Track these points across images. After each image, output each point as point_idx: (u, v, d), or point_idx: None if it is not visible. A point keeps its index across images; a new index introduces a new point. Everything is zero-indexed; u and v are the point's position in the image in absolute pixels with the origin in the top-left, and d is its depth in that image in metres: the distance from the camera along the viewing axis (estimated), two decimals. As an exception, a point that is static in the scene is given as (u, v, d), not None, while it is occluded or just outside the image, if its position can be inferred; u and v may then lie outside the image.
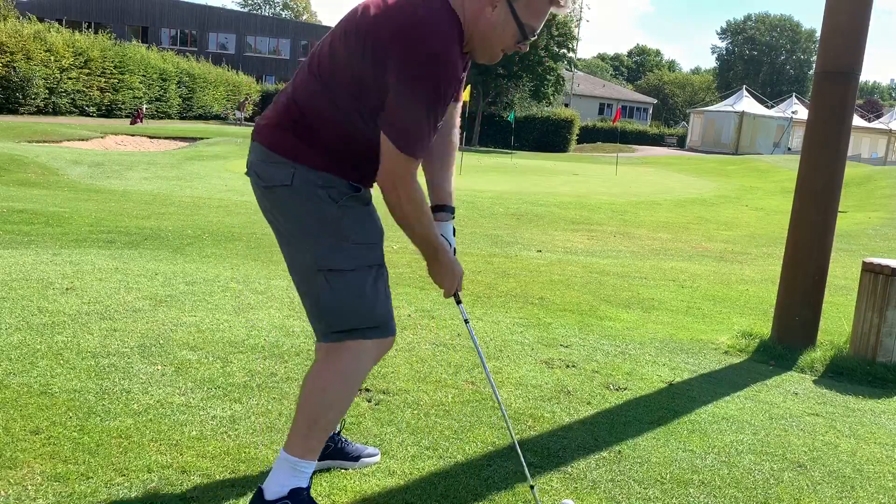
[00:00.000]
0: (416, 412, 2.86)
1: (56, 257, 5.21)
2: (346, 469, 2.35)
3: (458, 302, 2.22)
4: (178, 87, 33.84)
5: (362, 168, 1.97)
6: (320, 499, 2.16)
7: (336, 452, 2.33)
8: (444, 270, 2.11)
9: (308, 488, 2.01)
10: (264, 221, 2.11)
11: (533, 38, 1.96)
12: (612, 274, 6.76)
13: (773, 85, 78.06)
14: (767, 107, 46.44)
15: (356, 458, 2.37)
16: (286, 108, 1.96)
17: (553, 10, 1.91)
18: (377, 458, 2.43)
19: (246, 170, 2.06)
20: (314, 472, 2.29)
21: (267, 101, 41.37)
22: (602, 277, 6.48)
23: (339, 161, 1.95)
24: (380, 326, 2.00)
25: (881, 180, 19.22)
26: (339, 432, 2.38)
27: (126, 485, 2.14)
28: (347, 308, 1.96)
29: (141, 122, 27.49)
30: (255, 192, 2.03)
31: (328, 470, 2.33)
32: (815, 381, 3.92)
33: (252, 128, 2.06)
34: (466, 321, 2.26)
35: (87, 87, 27.86)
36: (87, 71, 27.76)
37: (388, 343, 2.05)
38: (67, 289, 4.22)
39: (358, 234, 1.97)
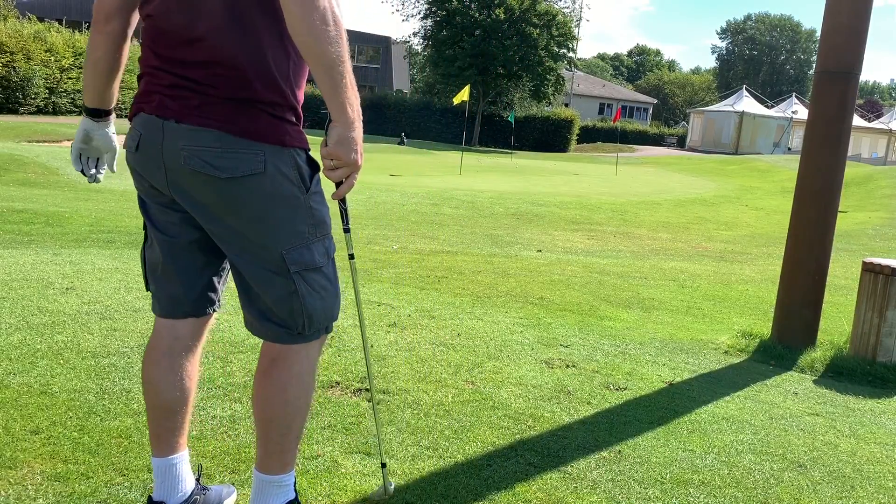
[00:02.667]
0: (416, 412, 2.86)
1: (56, 257, 5.21)
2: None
3: (344, 202, 1.85)
4: (178, 87, 33.79)
5: (299, 110, 1.77)
6: (320, 499, 2.17)
7: None
8: (359, 133, 1.71)
9: (296, 496, 1.93)
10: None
11: None
12: (612, 274, 6.76)
13: (773, 85, 78.09)
14: (767, 107, 46.44)
15: None
16: (215, 74, 1.66)
17: None
18: (234, 497, 2.16)
19: (146, 157, 1.73)
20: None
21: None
22: (602, 277, 6.49)
23: (292, 124, 1.74)
24: (332, 323, 1.88)
25: (881, 180, 19.23)
26: (199, 479, 2.06)
27: (126, 485, 2.14)
28: (327, 307, 1.82)
29: (141, 121, 27.45)
30: (194, 186, 1.70)
31: (328, 470, 2.33)
32: (815, 381, 3.92)
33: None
34: (347, 230, 1.91)
35: (87, 87, 27.83)
36: (87, 71, 27.73)
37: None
38: (67, 289, 4.22)
39: (322, 225, 1.80)
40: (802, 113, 40.18)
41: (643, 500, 2.34)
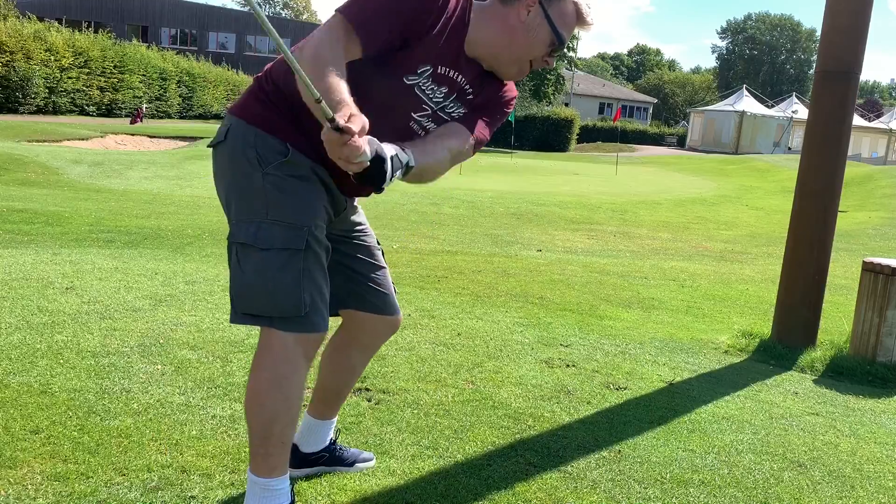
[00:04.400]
0: (416, 412, 2.86)
1: (56, 257, 5.21)
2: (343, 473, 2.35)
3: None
4: (178, 87, 33.82)
5: (306, 129, 1.75)
6: (320, 499, 2.17)
7: (332, 460, 2.31)
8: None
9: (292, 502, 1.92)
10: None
11: (560, 52, 1.91)
12: (613, 273, 6.76)
13: (774, 84, 78.07)
14: (767, 106, 46.43)
15: (352, 464, 2.33)
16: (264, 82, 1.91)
17: (578, 27, 1.89)
18: (373, 463, 2.38)
19: None
20: (312, 475, 2.29)
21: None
22: (602, 277, 6.48)
23: (275, 113, 1.81)
24: (290, 318, 1.76)
25: (881, 180, 19.22)
26: (336, 441, 2.33)
27: (126, 484, 2.14)
28: (254, 290, 1.76)
29: (140, 121, 27.48)
30: None
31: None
32: (815, 381, 3.92)
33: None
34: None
35: (86, 87, 27.84)
36: (86, 70, 27.74)
37: (314, 339, 1.82)
38: (67, 288, 4.22)
39: (280, 210, 1.76)
40: (802, 113, 40.16)
41: (643, 500, 2.34)
